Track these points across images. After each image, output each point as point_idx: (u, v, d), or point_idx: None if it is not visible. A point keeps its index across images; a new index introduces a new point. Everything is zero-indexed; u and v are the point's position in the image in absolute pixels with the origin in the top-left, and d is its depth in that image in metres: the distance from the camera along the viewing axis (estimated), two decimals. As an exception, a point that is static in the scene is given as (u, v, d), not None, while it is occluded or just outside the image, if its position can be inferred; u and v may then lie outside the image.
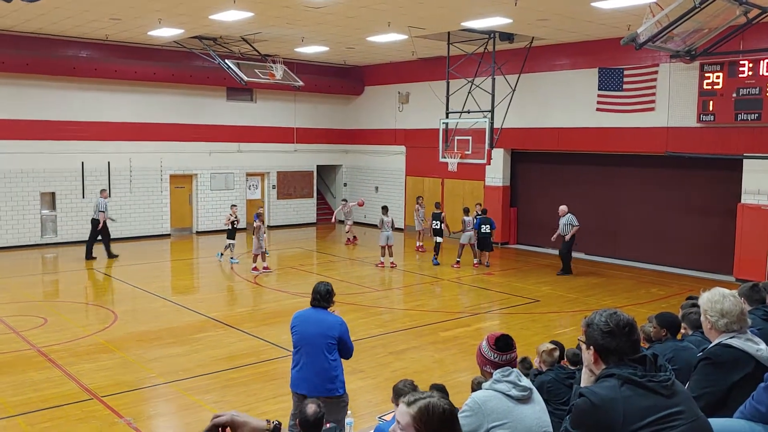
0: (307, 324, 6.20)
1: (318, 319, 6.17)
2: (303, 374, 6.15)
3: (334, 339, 6.12)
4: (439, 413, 2.36)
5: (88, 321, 12.21)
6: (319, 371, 6.07)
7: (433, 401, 2.38)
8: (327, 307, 6.25)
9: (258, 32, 17.62)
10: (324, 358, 6.08)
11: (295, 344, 6.24)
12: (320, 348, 6.08)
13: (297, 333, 6.24)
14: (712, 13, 11.55)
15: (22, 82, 18.86)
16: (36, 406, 8.07)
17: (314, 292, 6.24)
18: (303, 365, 6.15)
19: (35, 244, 19.46)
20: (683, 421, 2.59)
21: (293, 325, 6.29)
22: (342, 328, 6.19)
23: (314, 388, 6.05)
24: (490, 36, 17.23)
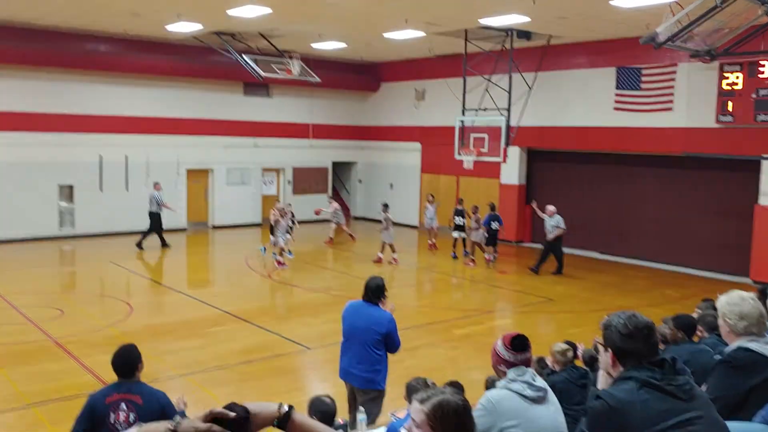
0: (356, 316, 6.34)
1: (367, 313, 6.29)
2: (348, 365, 6.37)
3: (381, 334, 6.23)
4: (452, 409, 2.36)
5: (104, 313, 12.32)
6: (364, 364, 6.25)
7: (447, 398, 2.38)
8: (377, 302, 6.33)
9: (275, 28, 17.67)
10: (369, 352, 6.24)
11: (344, 334, 6.42)
12: (366, 342, 6.23)
13: (348, 324, 6.40)
14: (734, 12, 11.43)
15: (42, 76, 19.02)
16: (51, 397, 8.16)
17: (366, 287, 6.34)
18: (349, 356, 6.36)
19: (53, 237, 19.64)
20: (701, 425, 2.57)
21: (344, 315, 6.44)
22: (390, 324, 6.28)
23: (357, 380, 6.28)
24: (508, 34, 17.15)
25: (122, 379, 4.78)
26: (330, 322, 11.94)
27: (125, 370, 4.79)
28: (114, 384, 4.78)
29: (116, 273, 15.67)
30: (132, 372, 4.79)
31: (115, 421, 4.58)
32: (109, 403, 4.63)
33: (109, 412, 4.60)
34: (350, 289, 14.52)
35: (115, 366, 4.81)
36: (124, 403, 4.63)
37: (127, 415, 4.60)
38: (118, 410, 4.61)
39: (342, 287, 14.75)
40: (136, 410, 4.62)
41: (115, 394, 4.68)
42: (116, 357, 4.83)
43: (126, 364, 4.80)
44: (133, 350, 4.86)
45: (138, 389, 4.74)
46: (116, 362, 4.81)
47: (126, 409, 4.62)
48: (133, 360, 4.81)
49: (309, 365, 10.00)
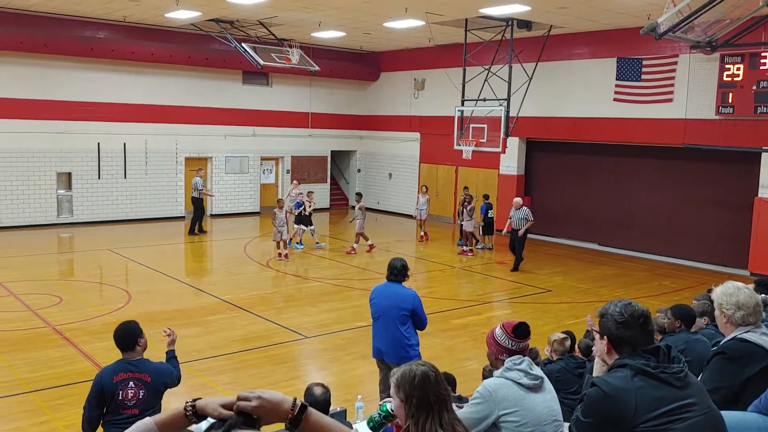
0: (382, 297, 6.69)
1: (393, 291, 6.64)
2: (380, 343, 6.69)
3: (408, 311, 6.55)
4: (413, 376, 2.72)
5: (103, 300, 12.34)
6: (394, 341, 6.58)
7: (410, 366, 2.76)
8: (402, 281, 6.69)
9: (275, 16, 17.60)
10: (397, 329, 6.56)
11: (373, 315, 6.76)
12: (394, 319, 6.55)
13: (374, 305, 6.74)
14: (734, 3, 11.40)
15: (40, 62, 18.95)
16: (51, 383, 8.19)
17: (390, 267, 6.70)
18: (380, 335, 6.68)
19: (51, 224, 19.64)
20: (695, 412, 2.59)
21: (371, 297, 6.79)
22: (415, 301, 6.59)
23: (391, 356, 6.56)
24: (508, 23, 17.09)
25: (126, 354, 4.97)
26: (328, 311, 11.99)
27: (126, 343, 4.97)
28: (120, 362, 4.96)
29: (115, 261, 15.68)
30: (133, 346, 4.97)
31: (124, 398, 4.82)
32: (117, 381, 4.84)
33: (118, 390, 4.82)
34: (348, 279, 14.57)
35: (117, 340, 5.01)
36: (133, 381, 4.85)
37: (135, 392, 4.85)
38: (127, 388, 4.84)
39: (339, 276, 14.77)
40: (145, 387, 4.88)
41: (122, 372, 4.87)
42: (118, 331, 5.03)
43: (126, 337, 4.98)
44: (133, 325, 5.07)
45: (145, 367, 4.95)
46: (118, 337, 5.01)
47: (134, 387, 4.85)
48: (133, 334, 4.99)
49: (307, 354, 10.03)
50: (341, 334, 10.61)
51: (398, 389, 2.75)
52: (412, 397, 2.70)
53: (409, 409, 2.70)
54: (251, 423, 1.86)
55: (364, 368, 9.03)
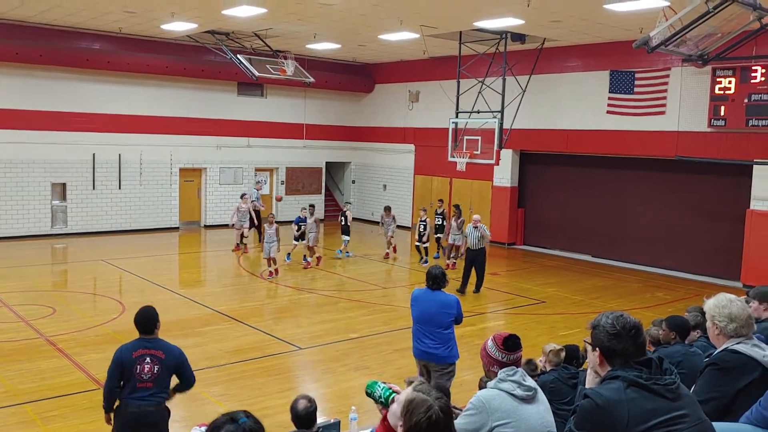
0: (427, 303, 7.09)
1: (437, 298, 7.07)
2: (424, 346, 7.08)
3: (453, 315, 7.06)
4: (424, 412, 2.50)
5: (96, 311, 12.29)
6: (440, 343, 7.01)
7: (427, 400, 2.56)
8: (443, 287, 7.12)
9: (270, 28, 17.67)
10: (442, 333, 7.01)
11: (415, 319, 7.15)
12: (441, 324, 7.00)
13: (420, 310, 7.12)
14: (726, 17, 11.52)
15: (36, 73, 18.97)
16: (44, 395, 8.15)
17: (432, 276, 7.07)
18: (426, 338, 7.06)
19: (45, 234, 19.59)
20: (687, 424, 2.61)
21: (413, 303, 7.22)
22: (458, 306, 7.15)
23: (436, 357, 7.03)
24: (502, 36, 17.21)
25: (143, 336, 5.52)
26: (322, 322, 11.98)
27: (147, 327, 5.53)
28: (138, 340, 5.52)
29: (109, 272, 15.63)
30: (152, 329, 5.55)
31: (141, 371, 5.39)
32: (135, 357, 5.40)
33: (135, 365, 5.39)
34: (342, 289, 14.55)
35: (138, 323, 5.55)
36: (149, 357, 5.42)
37: (151, 367, 5.42)
38: (144, 363, 5.40)
39: (333, 287, 14.76)
40: (159, 363, 5.44)
41: (140, 349, 5.45)
42: (138, 316, 5.58)
43: (147, 322, 5.54)
44: (153, 311, 5.62)
45: (160, 345, 5.53)
46: (139, 320, 5.56)
47: (150, 362, 5.42)
48: (153, 319, 5.56)
49: (300, 365, 10.01)
50: (335, 345, 10.59)
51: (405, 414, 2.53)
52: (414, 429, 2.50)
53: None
54: None
55: (357, 380, 9.02)
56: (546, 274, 16.97)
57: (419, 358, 7.25)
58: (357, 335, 11.16)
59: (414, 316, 7.18)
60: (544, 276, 16.65)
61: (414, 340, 7.23)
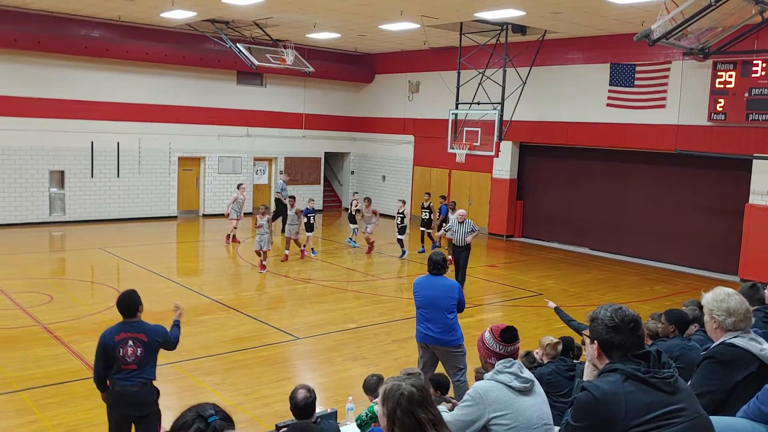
0: (430, 288, 7.26)
1: (440, 284, 7.26)
2: (428, 331, 7.22)
3: (455, 299, 7.22)
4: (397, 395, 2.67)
5: (94, 299, 12.29)
6: (443, 327, 7.16)
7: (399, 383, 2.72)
8: (443, 273, 7.31)
9: (270, 17, 17.59)
10: (446, 316, 7.17)
11: (419, 305, 7.30)
12: (443, 308, 7.16)
13: (422, 296, 7.27)
14: (728, 11, 11.46)
15: (35, 60, 18.89)
16: (40, 382, 8.16)
17: (431, 262, 7.27)
18: (428, 323, 7.21)
19: (43, 222, 19.56)
20: (685, 417, 2.61)
21: (416, 289, 7.35)
22: (460, 291, 7.34)
23: (441, 341, 7.19)
24: (503, 28, 17.15)
25: (126, 319, 5.64)
26: (319, 312, 11.98)
27: (129, 311, 5.65)
28: (120, 323, 5.65)
29: (106, 260, 15.63)
30: (134, 312, 5.66)
31: (124, 354, 5.52)
32: (117, 340, 5.53)
33: (118, 348, 5.51)
34: (339, 281, 14.56)
35: (120, 307, 5.67)
36: (131, 340, 5.54)
37: (134, 350, 5.54)
38: (126, 346, 5.53)
39: (331, 278, 14.76)
40: (142, 345, 5.57)
41: (122, 332, 5.57)
42: (120, 300, 5.70)
43: (129, 305, 5.65)
44: (135, 294, 5.73)
45: (142, 328, 5.64)
46: (121, 304, 5.67)
47: (133, 345, 5.54)
48: (135, 303, 5.68)
49: (298, 355, 10.02)
50: (333, 335, 10.60)
51: (383, 403, 2.68)
52: (394, 415, 2.63)
53: (390, 426, 2.63)
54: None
55: (355, 370, 9.03)
56: (544, 266, 16.98)
57: (423, 342, 7.35)
58: (355, 325, 11.17)
59: (418, 302, 7.33)
60: (542, 268, 16.66)
61: (418, 324, 7.37)
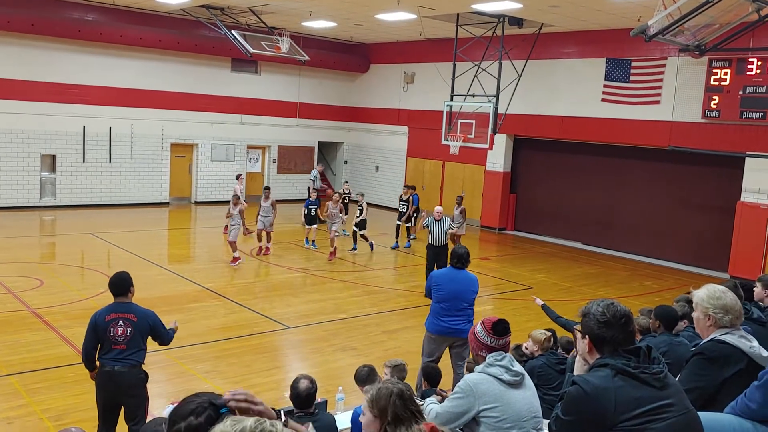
0: (453, 282, 7.34)
1: (463, 277, 7.38)
2: (450, 324, 7.29)
3: (475, 292, 7.42)
4: (387, 394, 2.91)
5: (84, 285, 12.24)
6: (463, 320, 7.27)
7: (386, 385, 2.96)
8: (466, 266, 7.43)
9: (266, 4, 17.48)
10: (467, 309, 7.33)
11: (441, 299, 7.33)
12: (467, 301, 7.33)
13: (444, 290, 7.32)
14: (725, 8, 11.49)
15: (27, 43, 18.72)
16: (30, 367, 8.14)
17: (457, 255, 7.39)
18: (450, 316, 7.28)
19: (34, 206, 19.45)
20: (673, 413, 2.62)
21: (438, 283, 7.41)
22: (478, 283, 7.53)
23: (460, 332, 7.21)
24: (500, 20, 17.11)
25: (118, 299, 5.78)
26: (311, 302, 11.98)
27: (120, 290, 5.79)
28: (112, 304, 5.78)
29: (97, 245, 15.56)
30: (125, 292, 5.80)
31: (114, 334, 5.63)
32: (108, 320, 5.65)
33: (109, 327, 5.62)
34: (331, 270, 14.55)
35: (112, 286, 5.83)
36: (122, 320, 5.66)
37: (124, 330, 5.65)
38: (117, 326, 5.64)
39: (322, 268, 14.75)
40: (132, 325, 5.67)
41: (113, 313, 5.69)
42: (113, 279, 5.85)
43: (120, 285, 5.80)
44: (127, 275, 5.89)
45: (132, 309, 5.76)
46: (113, 283, 5.82)
47: (123, 325, 5.65)
48: (126, 282, 5.83)
49: (289, 344, 10.02)
50: (323, 325, 10.61)
51: (373, 405, 2.90)
52: (386, 412, 2.89)
53: (383, 423, 2.85)
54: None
55: (345, 360, 9.05)
56: (536, 260, 17.03)
57: (443, 335, 7.37)
58: (345, 316, 11.17)
59: (440, 296, 7.34)
60: (534, 262, 16.71)
61: (436, 318, 7.38)
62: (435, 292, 7.42)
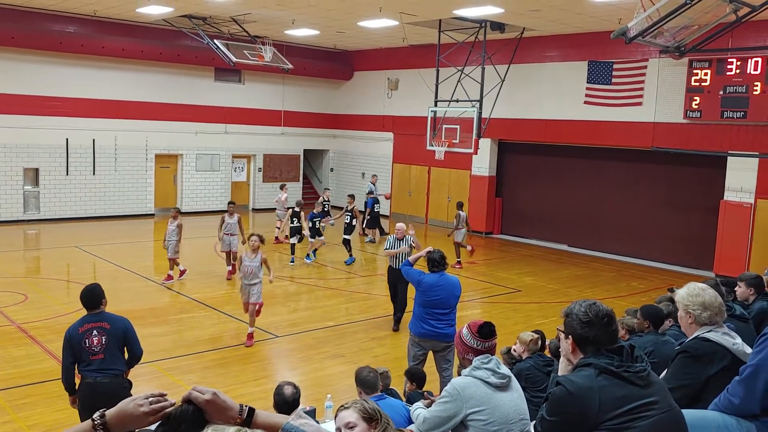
0: (438, 287, 7.38)
1: (446, 282, 7.42)
2: (434, 328, 7.34)
3: (458, 297, 7.49)
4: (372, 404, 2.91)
5: (69, 299, 12.12)
6: (447, 323, 7.33)
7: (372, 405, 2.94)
8: (445, 269, 7.49)
9: (248, 13, 17.48)
10: (452, 312, 7.39)
11: (427, 304, 7.37)
12: (450, 306, 7.39)
13: (430, 295, 7.36)
14: (703, 9, 11.60)
15: (7, 56, 18.60)
16: (15, 383, 8.05)
17: (432, 261, 7.48)
18: (433, 320, 7.33)
19: (17, 220, 19.29)
20: (657, 410, 2.64)
21: (425, 288, 7.42)
22: (460, 286, 7.57)
23: (444, 336, 7.30)
24: (482, 25, 17.20)
25: (90, 312, 5.83)
26: (298, 310, 11.95)
27: (92, 303, 5.84)
28: (84, 316, 5.84)
29: (82, 258, 15.44)
30: (97, 305, 5.85)
31: (90, 344, 5.69)
32: (82, 331, 5.72)
33: (84, 339, 5.69)
34: (318, 278, 14.52)
35: (83, 300, 5.87)
36: (96, 329, 5.72)
37: (99, 339, 5.72)
38: (91, 336, 5.70)
39: (309, 276, 14.72)
40: (106, 333, 5.74)
41: (86, 324, 5.75)
42: (83, 293, 5.88)
43: (92, 298, 5.84)
44: (98, 288, 5.94)
45: (105, 317, 5.83)
46: (84, 298, 5.86)
47: (98, 334, 5.72)
48: (98, 296, 5.87)
49: (277, 353, 9.98)
50: (312, 333, 10.58)
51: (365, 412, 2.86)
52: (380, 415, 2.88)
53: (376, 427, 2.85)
54: (200, 417, 1.92)
55: (334, 368, 9.03)
56: (523, 263, 17.08)
57: (427, 338, 7.41)
58: (334, 323, 11.15)
59: (426, 301, 7.38)
60: (520, 265, 16.76)
61: (420, 321, 7.42)
62: (421, 297, 7.46)
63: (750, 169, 15.28)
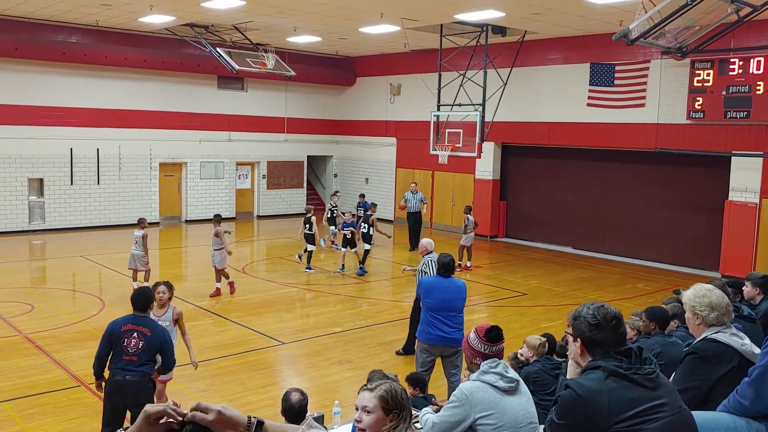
0: (442, 291, 7.39)
1: (452, 285, 7.44)
2: (441, 332, 7.32)
3: (464, 299, 7.48)
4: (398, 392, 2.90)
5: (76, 308, 12.16)
6: (454, 328, 7.33)
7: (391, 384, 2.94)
8: (452, 274, 7.50)
9: (250, 21, 17.53)
10: (458, 316, 7.39)
11: (431, 308, 7.36)
12: (458, 308, 7.40)
13: (434, 299, 7.36)
14: (704, 10, 11.59)
15: (11, 67, 18.68)
16: (23, 393, 8.06)
17: (442, 264, 7.46)
18: (441, 324, 7.31)
19: (23, 231, 19.34)
20: (667, 412, 2.63)
21: (427, 292, 7.45)
22: (466, 289, 7.56)
23: (452, 341, 7.28)
24: (483, 29, 17.22)
25: (137, 313, 6.03)
26: (304, 316, 11.95)
27: (140, 305, 6.06)
28: (130, 315, 6.05)
29: (88, 268, 15.47)
30: (145, 308, 6.10)
31: (127, 344, 5.86)
32: (124, 330, 5.91)
33: (123, 337, 5.87)
34: (324, 284, 14.52)
35: (133, 301, 6.10)
36: (136, 332, 5.90)
37: (137, 342, 5.87)
38: (131, 337, 5.87)
39: (315, 282, 14.72)
40: (145, 339, 5.89)
41: (130, 324, 5.95)
42: (134, 295, 6.17)
43: (141, 300, 6.08)
44: (149, 291, 6.29)
45: (148, 323, 6.04)
46: (133, 299, 6.10)
47: (137, 337, 5.88)
48: (148, 298, 6.16)
49: (284, 360, 9.98)
50: (318, 339, 10.57)
51: (387, 402, 2.85)
52: (402, 408, 2.88)
53: (392, 420, 2.86)
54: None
55: (341, 374, 9.02)
56: (528, 266, 17.05)
57: (436, 344, 7.39)
58: (340, 329, 11.14)
59: (430, 305, 7.37)
60: (526, 268, 16.73)
61: (427, 327, 7.39)
62: (425, 300, 7.45)
63: (754, 169, 15.24)
